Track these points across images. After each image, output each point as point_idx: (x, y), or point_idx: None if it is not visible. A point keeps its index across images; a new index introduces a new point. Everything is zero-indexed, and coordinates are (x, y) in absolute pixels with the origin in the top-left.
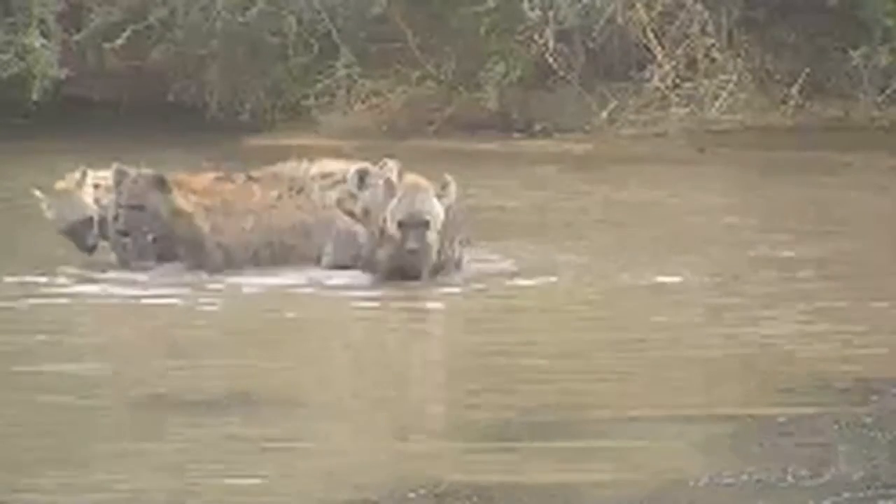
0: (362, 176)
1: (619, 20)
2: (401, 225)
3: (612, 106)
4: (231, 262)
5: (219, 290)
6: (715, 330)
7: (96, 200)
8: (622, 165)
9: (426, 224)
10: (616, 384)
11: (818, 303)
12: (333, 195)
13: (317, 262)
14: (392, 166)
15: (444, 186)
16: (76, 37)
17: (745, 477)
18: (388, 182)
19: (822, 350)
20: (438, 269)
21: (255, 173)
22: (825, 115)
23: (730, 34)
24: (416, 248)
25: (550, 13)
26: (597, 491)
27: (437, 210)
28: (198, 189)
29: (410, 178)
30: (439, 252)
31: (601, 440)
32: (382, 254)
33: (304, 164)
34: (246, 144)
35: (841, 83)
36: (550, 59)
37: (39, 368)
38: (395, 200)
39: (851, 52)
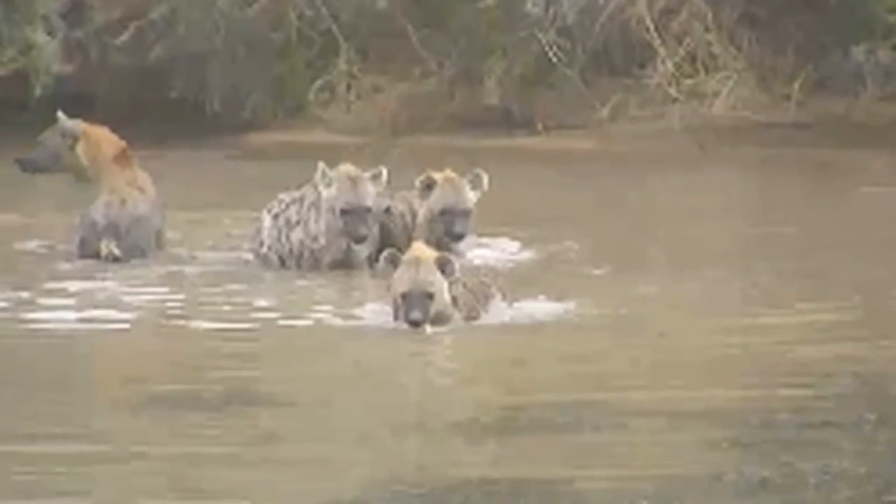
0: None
1: (621, 16)
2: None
3: (613, 102)
4: None
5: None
6: (715, 329)
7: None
8: (623, 162)
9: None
10: (616, 384)
11: (819, 301)
12: None
13: None
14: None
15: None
16: (78, 33)
17: (745, 476)
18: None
19: (824, 348)
20: None
21: None
22: (827, 112)
23: (731, 31)
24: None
25: (552, 9)
26: (597, 491)
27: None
28: None
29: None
30: None
31: (602, 439)
32: None
33: None
34: (248, 141)
35: (843, 80)
36: (552, 56)
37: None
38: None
39: (853, 49)
